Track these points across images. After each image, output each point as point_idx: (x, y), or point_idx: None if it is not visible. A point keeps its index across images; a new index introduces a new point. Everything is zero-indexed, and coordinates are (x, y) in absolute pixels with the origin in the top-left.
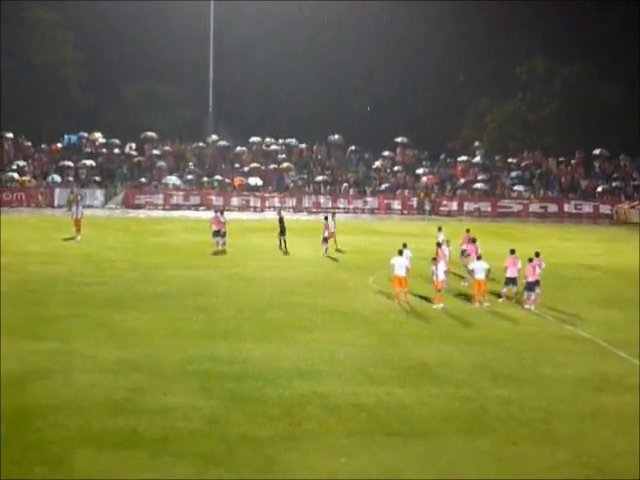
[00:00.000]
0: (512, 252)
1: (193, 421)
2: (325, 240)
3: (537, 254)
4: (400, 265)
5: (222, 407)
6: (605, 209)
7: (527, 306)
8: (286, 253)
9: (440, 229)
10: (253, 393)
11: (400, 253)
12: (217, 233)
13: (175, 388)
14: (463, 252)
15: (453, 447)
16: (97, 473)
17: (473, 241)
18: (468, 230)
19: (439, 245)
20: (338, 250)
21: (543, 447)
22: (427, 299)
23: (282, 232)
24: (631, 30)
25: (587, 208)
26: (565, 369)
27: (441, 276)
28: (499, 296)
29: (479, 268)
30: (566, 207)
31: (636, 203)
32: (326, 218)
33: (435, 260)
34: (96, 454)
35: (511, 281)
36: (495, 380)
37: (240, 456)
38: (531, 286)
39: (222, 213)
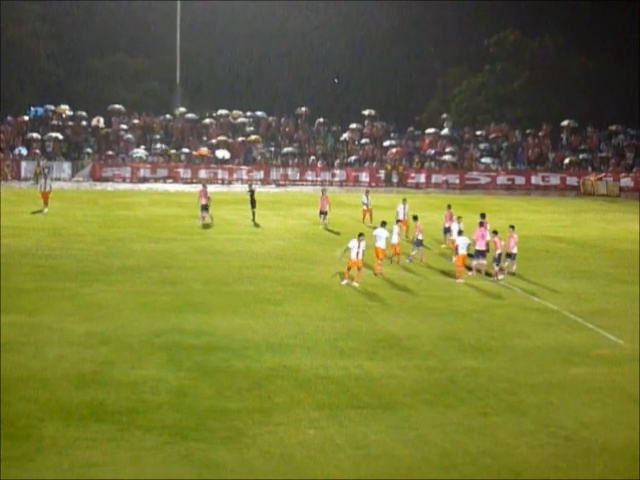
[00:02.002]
0: (481, 224)
1: (161, 394)
2: (322, 213)
3: (512, 227)
4: (380, 237)
5: (190, 379)
6: (572, 181)
7: (500, 277)
8: (256, 226)
9: (405, 200)
10: (221, 366)
11: (383, 225)
12: (205, 207)
13: (143, 361)
14: (447, 230)
15: (422, 419)
16: (65, 446)
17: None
18: (449, 206)
19: (398, 222)
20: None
21: (511, 418)
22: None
23: (253, 205)
24: (599, 2)
25: (554, 180)
26: (533, 340)
27: (353, 256)
28: (469, 269)
29: (462, 244)
30: (533, 179)
31: (603, 175)
32: (323, 191)
33: (361, 236)
34: (64, 427)
35: (480, 254)
36: (463, 352)
37: (208, 428)
38: (498, 258)
39: (205, 186)
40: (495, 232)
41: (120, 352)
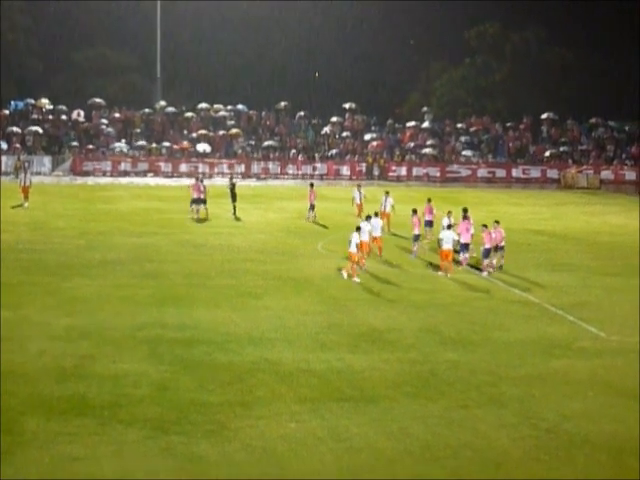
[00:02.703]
0: (465, 218)
1: (142, 387)
2: (311, 207)
3: (497, 222)
4: (364, 230)
5: (172, 373)
6: (553, 174)
7: (484, 273)
8: (237, 219)
9: (387, 193)
10: (203, 359)
11: (367, 219)
12: (197, 201)
13: (124, 355)
14: (429, 223)
15: (404, 412)
16: (46, 440)
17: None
18: (430, 200)
19: (376, 215)
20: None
21: (492, 410)
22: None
23: (233, 198)
24: None
25: (535, 173)
26: (514, 333)
27: (352, 248)
28: (457, 263)
29: (447, 238)
30: (514, 172)
31: (583, 168)
32: (311, 185)
33: (359, 230)
34: (45, 421)
35: (465, 247)
36: (444, 344)
37: (190, 422)
38: (487, 252)
39: (202, 180)
40: (485, 226)
41: (101, 346)
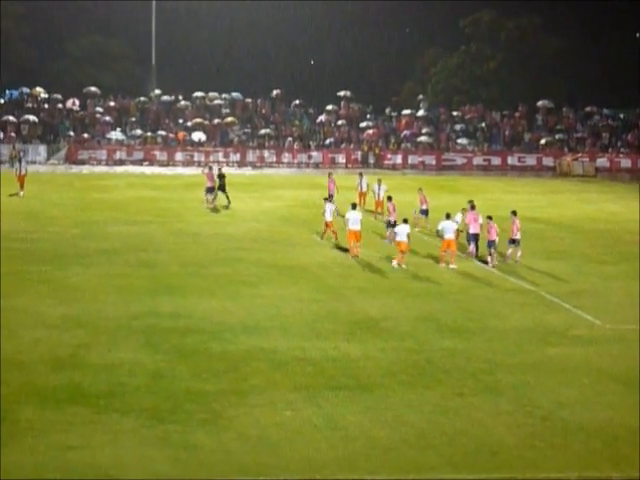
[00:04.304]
0: (473, 207)
1: (138, 376)
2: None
3: (514, 213)
4: (355, 219)
5: (167, 362)
6: (548, 161)
7: (495, 262)
8: (227, 208)
9: (380, 181)
10: (198, 348)
11: (354, 207)
12: (211, 189)
13: (120, 344)
14: (424, 212)
15: (399, 400)
16: (41, 429)
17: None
18: (421, 189)
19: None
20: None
21: (488, 398)
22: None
23: (222, 188)
24: None
25: (530, 161)
26: (510, 321)
27: (403, 237)
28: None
29: (448, 228)
30: (509, 160)
31: (579, 155)
32: (330, 175)
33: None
34: (40, 410)
35: (473, 237)
36: (440, 332)
37: (185, 411)
38: (490, 244)
39: (211, 169)
40: (490, 217)
41: (96, 335)
